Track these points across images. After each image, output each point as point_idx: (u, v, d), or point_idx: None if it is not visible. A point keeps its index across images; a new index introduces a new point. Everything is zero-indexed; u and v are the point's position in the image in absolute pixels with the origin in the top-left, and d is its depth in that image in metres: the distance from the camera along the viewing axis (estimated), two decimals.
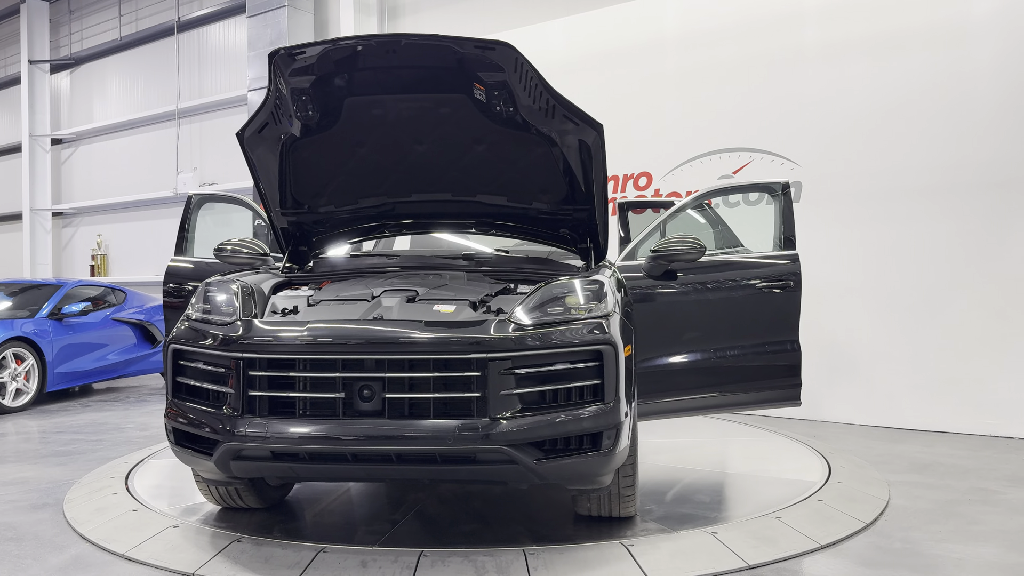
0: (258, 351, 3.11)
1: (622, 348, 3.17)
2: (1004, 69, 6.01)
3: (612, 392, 3.09)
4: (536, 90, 3.49)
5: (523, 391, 3.02)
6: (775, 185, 4.77)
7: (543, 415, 3.02)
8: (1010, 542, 3.54)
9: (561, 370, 3.08)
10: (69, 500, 4.24)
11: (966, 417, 6.07)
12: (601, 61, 8.02)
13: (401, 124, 3.76)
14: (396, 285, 3.62)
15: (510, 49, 3.36)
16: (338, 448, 3.01)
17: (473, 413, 2.98)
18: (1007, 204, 5.97)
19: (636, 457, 3.50)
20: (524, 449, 2.98)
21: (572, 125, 3.61)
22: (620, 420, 3.11)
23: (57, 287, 8.63)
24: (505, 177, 3.98)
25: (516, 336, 3.05)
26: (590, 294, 3.29)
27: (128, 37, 13.74)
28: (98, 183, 14.35)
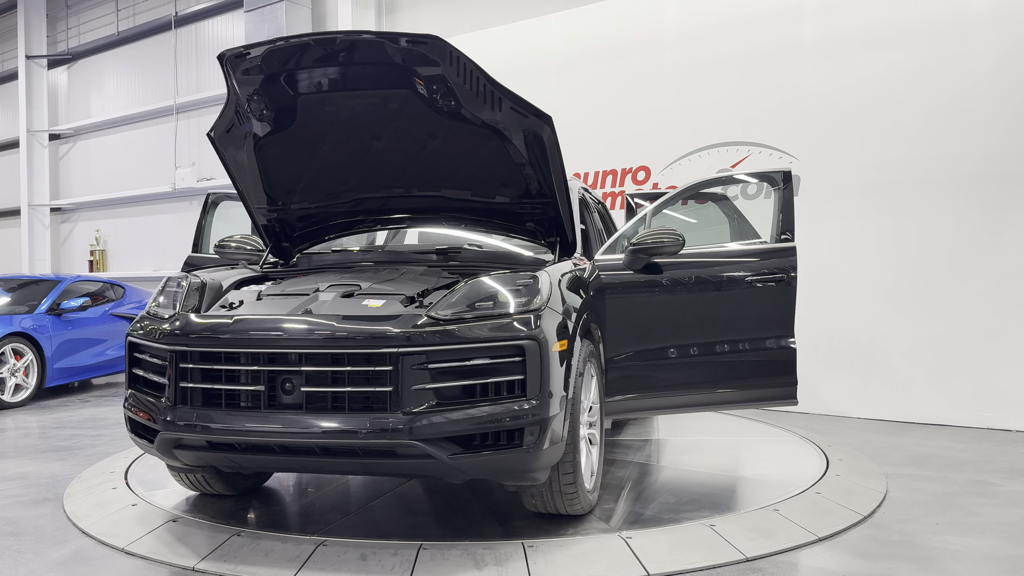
0: (187, 344, 3.25)
1: (551, 344, 3.14)
2: (1002, 63, 6.01)
3: (536, 388, 3.08)
4: (478, 83, 3.47)
5: (439, 386, 3.05)
6: (776, 174, 4.62)
7: (459, 410, 3.03)
8: (1007, 534, 3.55)
9: (481, 365, 3.08)
10: (69, 495, 4.25)
11: (964, 410, 6.08)
12: (599, 56, 8.01)
13: (355, 121, 3.79)
14: (344, 280, 3.66)
15: (441, 42, 3.36)
16: (262, 440, 3.09)
17: (386, 407, 3.01)
18: (1005, 197, 5.97)
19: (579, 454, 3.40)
20: (439, 444, 2.99)
21: (520, 117, 3.58)
22: (546, 416, 3.09)
23: (56, 283, 8.62)
24: (464, 171, 3.96)
25: (430, 331, 3.06)
26: (519, 289, 3.27)
27: (125, 32, 13.72)
28: (96, 178, 14.33)
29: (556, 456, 3.24)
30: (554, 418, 3.14)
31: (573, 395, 3.33)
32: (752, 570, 3.11)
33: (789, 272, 4.28)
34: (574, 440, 3.34)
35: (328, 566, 3.09)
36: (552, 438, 3.14)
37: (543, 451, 3.11)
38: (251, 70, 3.58)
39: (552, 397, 3.14)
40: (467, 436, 3.04)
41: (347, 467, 3.35)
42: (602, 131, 7.93)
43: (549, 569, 3.06)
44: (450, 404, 3.04)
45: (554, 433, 3.15)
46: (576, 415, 3.37)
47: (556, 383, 3.18)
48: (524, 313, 3.17)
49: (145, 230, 13.52)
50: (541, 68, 8.44)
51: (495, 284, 3.29)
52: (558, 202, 3.87)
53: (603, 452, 3.90)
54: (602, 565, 3.10)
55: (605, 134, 7.92)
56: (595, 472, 3.73)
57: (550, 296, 3.30)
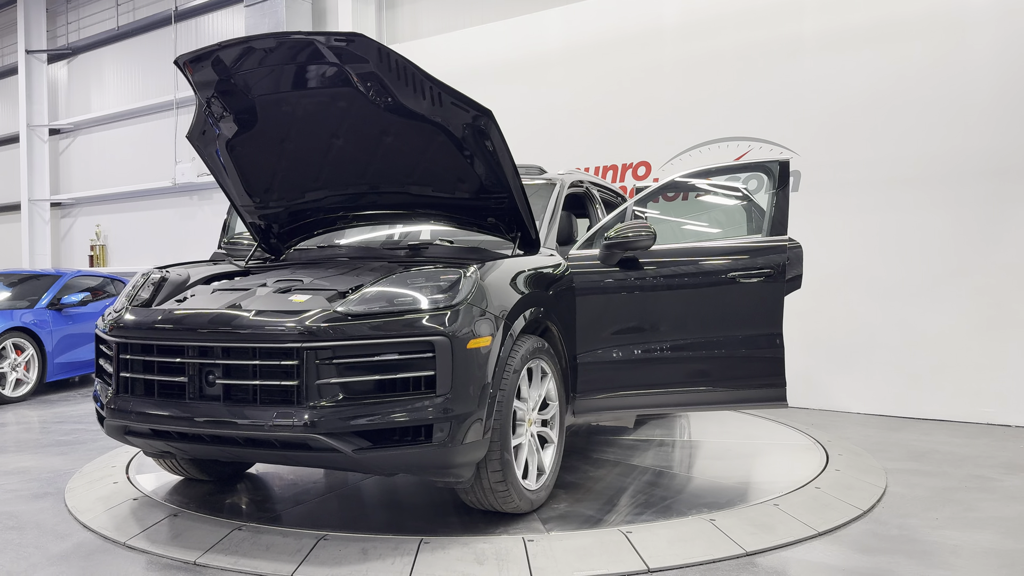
0: (126, 336, 3.44)
1: (467, 341, 3.14)
2: (1002, 58, 6.01)
3: (447, 385, 3.09)
4: (414, 79, 3.46)
5: (345, 380, 3.08)
6: (772, 164, 4.46)
7: (365, 405, 3.06)
8: (1006, 529, 3.56)
9: (389, 361, 3.10)
10: (70, 489, 4.26)
11: (964, 405, 6.09)
12: (599, 50, 8.01)
13: (312, 119, 3.82)
14: (291, 276, 3.73)
15: (366, 39, 3.35)
16: (186, 429, 3.23)
17: (292, 401, 3.07)
18: (1005, 193, 5.97)
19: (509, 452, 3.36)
20: (346, 438, 3.03)
21: (462, 112, 3.56)
22: (458, 413, 3.10)
23: (56, 277, 8.63)
24: (422, 168, 3.95)
25: (335, 325, 3.08)
26: (436, 286, 3.27)
27: (125, 27, 13.70)
28: (96, 173, 14.33)
29: (475, 454, 3.24)
30: (469, 415, 3.15)
31: (504, 393, 3.33)
32: (752, 564, 3.12)
33: (777, 268, 4.13)
34: (502, 438, 3.32)
35: (329, 560, 3.10)
36: (467, 436, 3.15)
37: (456, 448, 3.12)
38: (204, 74, 3.66)
39: (467, 394, 3.15)
40: (376, 431, 3.07)
41: (272, 458, 3.45)
42: (603, 126, 7.93)
43: (549, 563, 3.07)
44: (357, 399, 3.08)
45: (470, 431, 3.16)
46: (506, 413, 3.34)
47: (474, 380, 3.18)
48: (437, 310, 3.17)
49: (145, 225, 13.52)
50: (541, 63, 8.43)
51: (411, 281, 3.31)
52: (513, 196, 3.82)
53: (561, 451, 3.85)
54: (602, 559, 3.11)
55: (606, 129, 7.91)
56: (548, 470, 3.70)
57: (472, 293, 3.27)
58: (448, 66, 9.20)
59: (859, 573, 3.03)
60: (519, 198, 3.83)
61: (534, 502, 3.59)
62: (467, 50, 9.06)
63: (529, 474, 3.59)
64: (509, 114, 8.62)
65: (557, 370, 3.81)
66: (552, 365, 3.75)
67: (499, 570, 3.02)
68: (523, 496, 3.49)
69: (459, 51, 9.13)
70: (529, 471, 3.60)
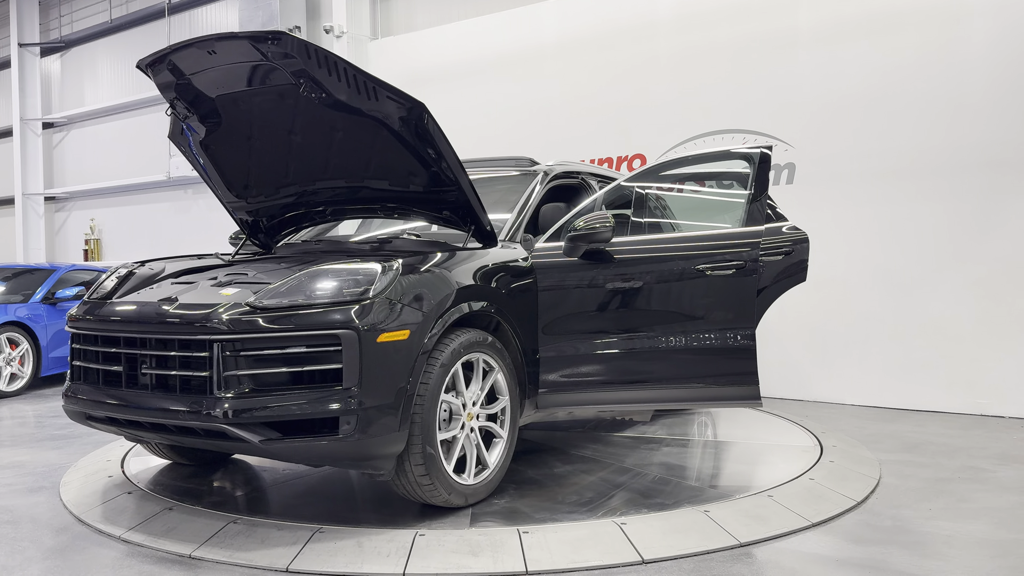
0: (77, 326, 3.73)
1: (378, 335, 3.16)
2: (998, 50, 6.01)
3: (354, 378, 3.12)
4: (345, 74, 3.49)
5: (253, 372, 3.15)
6: (752, 154, 4.34)
7: (271, 396, 3.11)
8: (999, 519, 3.58)
9: (297, 353, 3.14)
10: (65, 483, 4.26)
11: (957, 397, 6.11)
12: (594, 43, 8.00)
13: (267, 117, 3.87)
14: (245, 269, 3.81)
15: (290, 38, 3.38)
16: (118, 415, 3.44)
17: (205, 391, 3.16)
18: (1000, 185, 5.98)
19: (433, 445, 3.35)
20: (254, 428, 3.10)
21: (396, 105, 3.57)
22: (368, 406, 3.13)
23: (51, 271, 8.61)
24: (375, 162, 3.96)
25: (244, 318, 3.16)
26: (350, 280, 3.30)
27: (119, 19, 13.64)
28: (90, 167, 14.29)
29: (390, 448, 3.24)
30: (380, 409, 3.17)
31: (428, 387, 3.33)
32: (746, 555, 3.13)
33: (749, 261, 4.05)
34: (424, 432, 3.31)
35: (324, 553, 3.11)
36: (377, 429, 3.16)
37: (365, 441, 3.15)
38: (163, 76, 3.77)
39: (378, 388, 3.17)
40: (285, 422, 3.11)
41: (204, 444, 3.54)
42: (597, 118, 7.92)
43: (543, 555, 3.08)
44: (265, 391, 3.14)
45: (380, 424, 3.17)
46: (430, 407, 3.34)
47: (386, 374, 3.20)
48: (346, 304, 3.19)
49: (140, 219, 13.49)
50: (536, 56, 8.42)
51: (326, 275, 3.33)
52: (461, 188, 3.81)
53: (512, 446, 3.82)
54: (597, 551, 3.12)
55: (600, 121, 7.91)
56: (492, 465, 3.69)
57: (389, 287, 3.28)
58: (443, 59, 9.20)
59: (853, 564, 3.05)
60: (467, 191, 3.82)
61: (469, 496, 3.56)
62: (462, 43, 9.05)
63: (467, 468, 3.59)
64: (504, 107, 8.63)
65: (507, 365, 3.78)
66: (500, 360, 3.74)
67: (494, 561, 3.03)
68: (454, 490, 3.47)
69: (454, 44, 9.12)
70: (468, 465, 3.59)
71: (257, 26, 10.56)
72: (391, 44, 9.83)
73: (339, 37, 9.80)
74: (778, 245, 5.19)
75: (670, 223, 4.92)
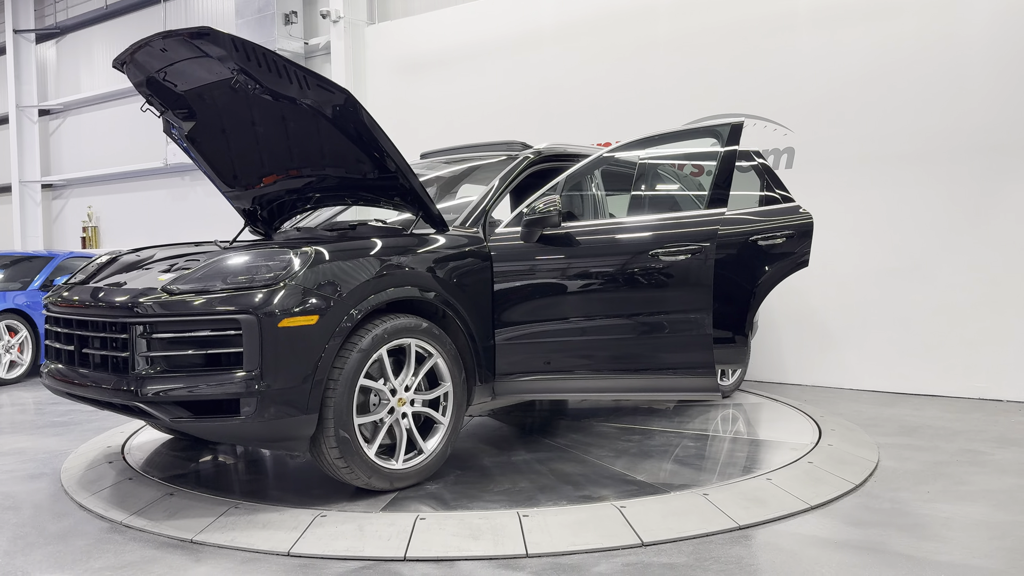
0: (47, 309, 3.95)
1: (281, 319, 3.22)
2: (997, 33, 5.98)
3: (254, 361, 3.20)
4: (275, 65, 3.54)
5: (165, 353, 3.27)
6: (721, 128, 4.23)
7: (179, 377, 3.24)
8: (997, 501, 3.60)
9: (203, 336, 3.25)
10: (66, 469, 4.27)
11: (956, 380, 6.13)
12: (593, 27, 7.96)
13: (229, 109, 3.93)
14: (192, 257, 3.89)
15: (218, 33, 3.43)
16: (68, 391, 3.65)
17: (126, 371, 3.32)
18: (999, 168, 5.97)
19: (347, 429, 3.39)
20: (165, 407, 3.25)
21: (328, 94, 3.62)
22: (269, 390, 3.20)
23: (49, 259, 8.61)
24: (327, 150, 3.99)
25: (157, 302, 3.29)
26: (266, 264, 3.36)
27: (114, 5, 13.56)
28: (87, 154, 14.24)
29: (296, 429, 3.31)
30: (284, 392, 3.24)
31: (343, 372, 3.38)
32: (745, 538, 3.15)
33: (705, 245, 3.94)
34: (338, 416, 3.36)
35: (326, 537, 3.12)
36: (278, 412, 3.23)
37: (267, 424, 3.23)
38: (133, 74, 3.87)
39: (280, 372, 3.23)
40: (195, 402, 3.25)
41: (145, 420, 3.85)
42: (595, 104, 7.89)
43: (544, 538, 3.09)
44: (177, 372, 3.26)
45: (284, 407, 3.24)
46: (344, 391, 3.37)
47: (290, 358, 3.26)
48: (249, 289, 3.27)
49: (138, 206, 13.46)
50: (535, 40, 8.38)
51: (234, 260, 3.43)
52: (403, 174, 3.84)
53: (455, 431, 3.84)
54: (597, 534, 3.14)
55: (598, 107, 7.88)
56: (429, 451, 3.71)
57: (298, 273, 3.33)
58: (440, 44, 9.16)
59: (851, 546, 3.06)
60: (408, 177, 3.84)
61: (395, 481, 3.59)
62: (459, 27, 9.00)
63: (396, 453, 3.62)
64: (502, 91, 8.60)
65: (449, 351, 3.78)
66: (439, 346, 3.74)
67: (495, 545, 3.05)
68: (375, 473, 3.51)
69: (451, 28, 9.07)
70: (397, 450, 3.62)
71: (253, 12, 10.50)
72: (388, 29, 9.78)
73: (336, 22, 9.75)
74: (778, 228, 5.18)
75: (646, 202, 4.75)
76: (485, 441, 4.66)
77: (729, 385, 5.86)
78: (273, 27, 10.31)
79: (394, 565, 2.93)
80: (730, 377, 5.86)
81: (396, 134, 9.93)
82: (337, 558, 2.99)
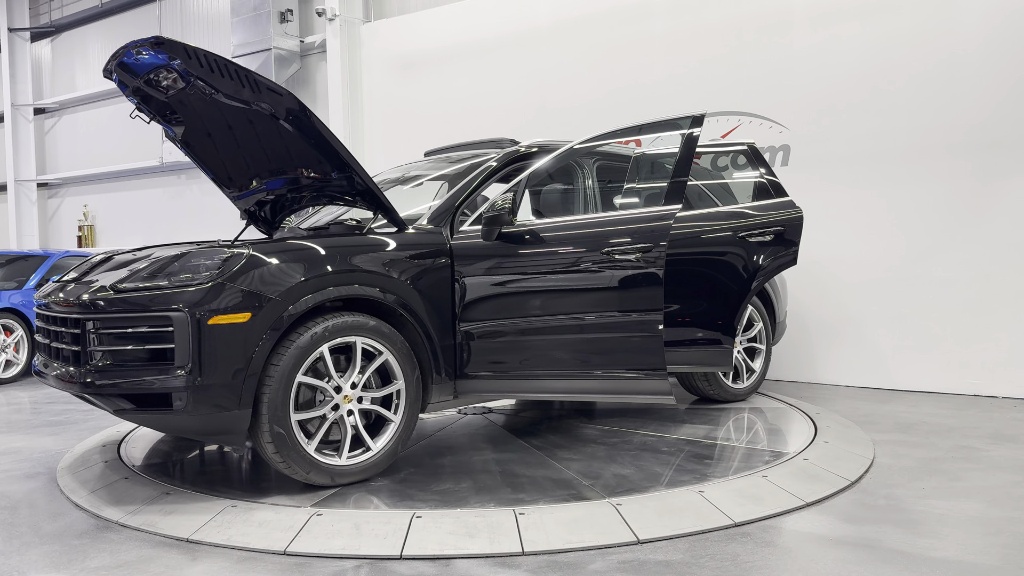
0: (37, 305, 4.06)
1: (208, 316, 3.34)
2: (992, 31, 5.99)
3: (184, 357, 3.32)
4: (227, 69, 3.62)
5: (110, 348, 3.45)
6: (683, 120, 4.15)
7: (120, 371, 3.40)
8: (992, 498, 3.61)
9: (144, 332, 3.40)
10: (62, 469, 4.27)
11: (951, 377, 6.15)
12: (588, 24, 7.96)
13: (207, 115, 4.00)
14: None
15: (171, 41, 3.54)
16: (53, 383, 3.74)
17: (79, 363, 3.51)
18: (994, 166, 5.99)
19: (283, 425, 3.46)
20: (110, 399, 3.43)
21: (278, 97, 3.69)
22: (200, 384, 3.32)
23: (44, 258, 8.59)
24: (292, 152, 4.03)
25: (103, 299, 3.47)
26: (203, 264, 3.48)
27: (109, 3, 13.52)
28: (83, 153, 14.20)
29: (229, 423, 3.42)
30: (215, 387, 3.35)
31: (279, 368, 3.45)
32: (741, 535, 3.15)
33: (657, 243, 3.89)
34: (273, 411, 3.44)
35: (322, 535, 3.12)
36: (209, 406, 3.35)
37: (199, 418, 3.37)
38: (124, 80, 3.91)
39: (211, 367, 3.34)
40: (138, 395, 3.39)
41: None
42: (590, 101, 7.89)
43: (540, 536, 3.10)
44: (122, 365, 3.42)
45: (215, 402, 3.36)
46: (279, 388, 3.44)
47: (221, 354, 3.36)
48: (183, 287, 3.39)
49: (133, 204, 13.43)
50: (530, 38, 8.37)
51: (179, 260, 3.54)
52: (357, 174, 3.89)
53: (407, 429, 3.86)
54: (592, 532, 3.14)
55: (593, 104, 7.87)
56: (376, 448, 3.75)
57: (231, 272, 3.43)
58: (436, 41, 9.15)
59: (847, 542, 3.07)
60: (360, 177, 3.89)
61: (336, 477, 3.65)
62: (455, 24, 8.99)
63: (342, 450, 3.66)
64: (497, 88, 8.59)
65: (401, 349, 3.81)
66: (390, 344, 3.77)
67: (491, 543, 3.05)
68: (314, 468, 3.58)
69: (447, 26, 9.06)
70: (342, 446, 3.67)
71: (249, 10, 10.48)
72: (384, 27, 9.77)
73: (331, 20, 9.73)
74: (766, 224, 5.16)
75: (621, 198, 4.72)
76: (462, 440, 4.66)
77: (743, 388, 5.57)
78: (269, 25, 10.30)
79: (390, 563, 2.94)
80: (744, 380, 5.58)
81: (392, 132, 9.93)
82: (333, 556, 2.99)
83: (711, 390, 5.41)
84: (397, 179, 5.12)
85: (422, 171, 5.09)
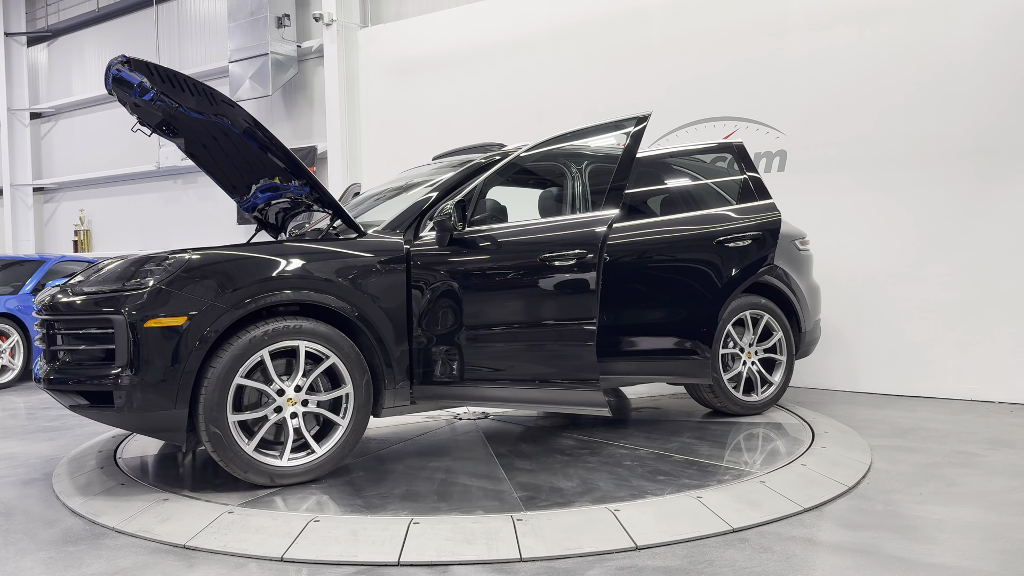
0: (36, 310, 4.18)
1: (144, 320, 3.48)
2: (988, 37, 6.02)
3: (123, 358, 3.50)
4: (187, 84, 3.78)
5: (65, 348, 3.68)
6: (626, 121, 4.16)
7: (79, 369, 3.63)
8: (989, 503, 3.61)
9: (90, 333, 3.60)
10: (58, 475, 4.25)
11: (948, 382, 6.16)
12: (586, 32, 7.98)
13: (191, 127, 4.17)
14: None
15: (137, 60, 3.72)
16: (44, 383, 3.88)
17: (48, 361, 3.77)
18: (990, 171, 6.01)
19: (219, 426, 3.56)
20: (67, 395, 3.65)
21: (233, 109, 3.81)
22: (136, 384, 3.48)
23: (40, 263, 8.57)
24: (260, 163, 4.14)
25: (60, 302, 3.70)
26: (147, 269, 3.62)
27: (106, 8, 13.52)
28: (79, 158, 14.18)
29: (166, 423, 3.56)
30: (151, 387, 3.50)
31: (215, 370, 3.56)
32: (739, 540, 3.15)
33: (591, 250, 3.89)
34: (209, 412, 3.55)
35: (319, 541, 3.11)
36: (145, 405, 3.50)
37: (136, 415, 3.53)
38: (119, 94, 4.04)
39: (147, 368, 3.49)
40: (90, 392, 3.58)
41: None
42: (588, 106, 7.90)
43: (538, 542, 3.09)
44: (78, 363, 3.65)
45: (152, 402, 3.51)
46: (215, 389, 3.55)
47: (158, 356, 3.50)
48: (125, 292, 3.55)
49: (130, 209, 13.42)
50: (528, 43, 8.39)
51: (127, 265, 3.70)
52: (312, 184, 4.02)
53: (356, 432, 3.89)
54: (590, 537, 3.14)
55: (591, 109, 7.88)
56: (320, 451, 3.80)
57: (169, 277, 3.56)
58: (434, 46, 9.16)
59: (844, 548, 3.07)
60: (315, 186, 4.02)
61: (276, 477, 3.72)
62: (452, 30, 9.01)
63: (283, 451, 3.73)
64: (494, 94, 8.61)
65: (348, 354, 3.83)
66: (336, 349, 3.80)
67: (488, 549, 3.04)
68: (252, 468, 3.67)
69: (444, 31, 9.07)
70: (284, 448, 3.73)
71: (246, 15, 10.48)
72: (381, 32, 9.78)
73: (329, 25, 9.74)
74: (743, 229, 5.11)
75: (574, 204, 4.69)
76: (435, 445, 4.64)
77: (757, 401, 5.29)
78: (266, 30, 10.30)
79: (388, 570, 2.93)
80: (758, 392, 5.31)
81: (389, 137, 9.94)
82: (330, 563, 2.98)
83: (718, 402, 5.19)
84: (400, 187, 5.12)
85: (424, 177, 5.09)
